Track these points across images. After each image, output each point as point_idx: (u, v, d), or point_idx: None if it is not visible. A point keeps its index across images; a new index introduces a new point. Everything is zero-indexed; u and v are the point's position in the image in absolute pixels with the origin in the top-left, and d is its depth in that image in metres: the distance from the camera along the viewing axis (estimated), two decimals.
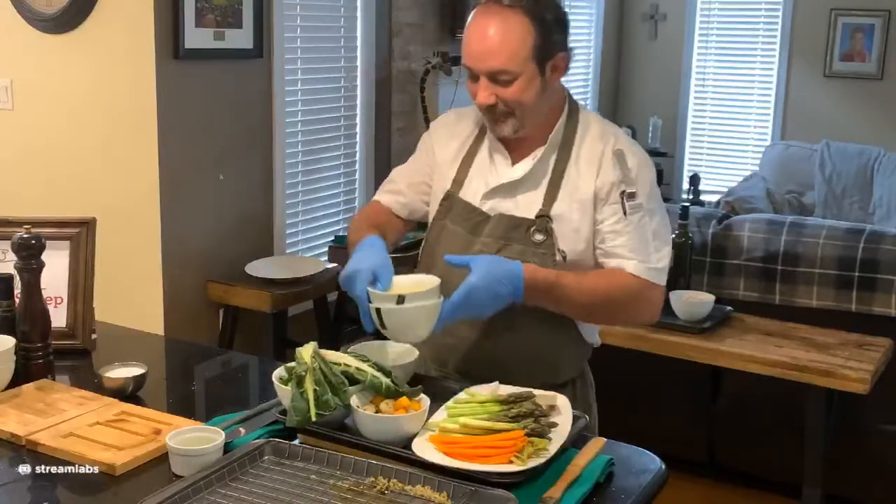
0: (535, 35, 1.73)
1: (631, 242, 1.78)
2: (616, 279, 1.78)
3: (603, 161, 1.80)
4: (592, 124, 1.86)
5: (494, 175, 1.85)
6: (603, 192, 1.79)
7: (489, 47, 1.72)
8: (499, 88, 1.74)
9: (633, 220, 1.79)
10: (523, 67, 1.73)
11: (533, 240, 1.78)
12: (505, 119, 1.78)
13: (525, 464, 1.39)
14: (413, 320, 1.60)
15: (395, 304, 1.59)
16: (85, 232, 2.04)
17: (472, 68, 1.76)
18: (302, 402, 1.47)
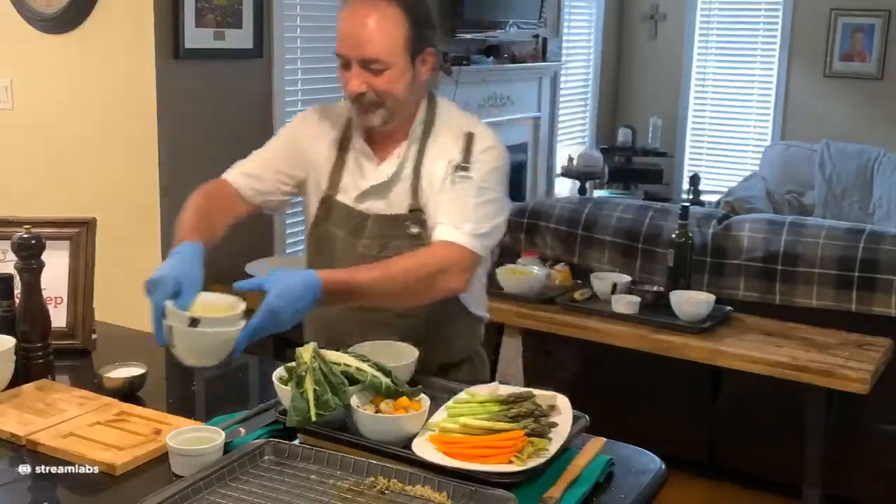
0: (408, 28, 1.78)
1: (449, 207, 1.78)
2: (427, 253, 1.76)
3: (455, 144, 1.84)
4: (451, 116, 1.90)
5: (363, 177, 1.88)
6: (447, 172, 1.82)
7: (365, 35, 1.75)
8: (370, 77, 1.77)
9: (458, 187, 1.79)
10: (396, 58, 1.77)
11: (410, 233, 1.83)
12: (374, 109, 1.80)
13: (525, 464, 1.39)
14: (205, 345, 1.51)
15: (188, 326, 1.50)
16: (85, 232, 2.04)
17: (345, 55, 1.78)
18: (302, 402, 1.47)
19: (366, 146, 1.89)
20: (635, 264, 3.33)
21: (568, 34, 6.50)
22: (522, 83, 5.81)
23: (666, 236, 3.21)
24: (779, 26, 6.54)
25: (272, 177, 1.95)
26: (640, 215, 3.38)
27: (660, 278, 3.19)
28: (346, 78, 1.80)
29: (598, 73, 6.94)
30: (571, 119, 6.81)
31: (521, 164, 6.04)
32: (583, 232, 3.43)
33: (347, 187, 1.90)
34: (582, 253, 3.43)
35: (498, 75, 5.47)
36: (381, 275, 1.70)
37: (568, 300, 3.06)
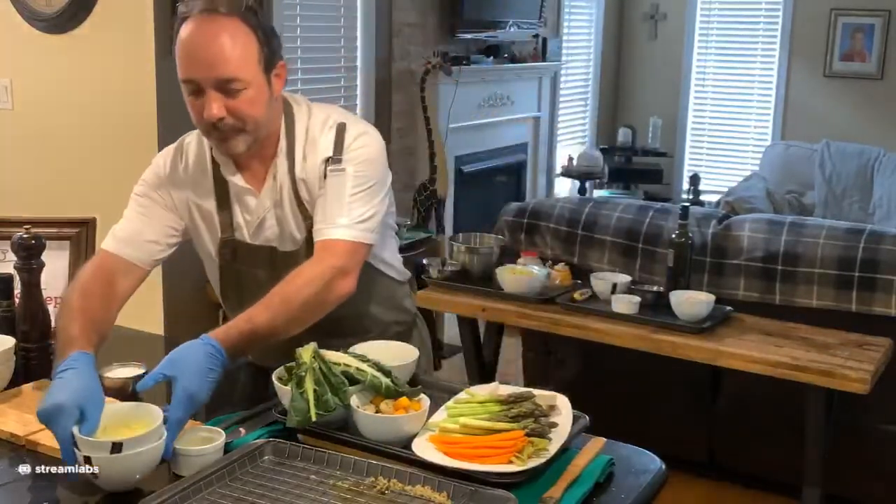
0: (258, 43, 1.68)
1: (325, 207, 1.72)
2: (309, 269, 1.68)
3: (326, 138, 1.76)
4: (309, 116, 1.79)
5: (249, 212, 1.80)
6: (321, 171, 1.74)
7: (218, 55, 1.62)
8: (228, 101, 1.65)
9: (331, 182, 1.72)
10: (254, 76, 1.66)
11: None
12: (234, 136, 1.69)
13: (525, 464, 1.39)
14: (133, 467, 1.36)
15: (110, 454, 1.34)
16: (85, 232, 2.04)
17: (197, 79, 1.64)
18: (302, 402, 1.47)
19: (243, 183, 1.78)
20: (635, 264, 3.33)
21: (568, 34, 6.50)
22: (522, 83, 5.81)
23: (666, 236, 3.21)
24: (779, 26, 6.54)
25: (155, 232, 1.83)
26: (640, 215, 3.38)
27: (660, 278, 3.19)
28: (199, 106, 1.66)
29: (598, 73, 6.94)
30: (571, 119, 6.81)
31: (521, 164, 6.04)
32: (583, 232, 3.43)
33: (241, 224, 1.82)
34: (582, 253, 3.43)
35: (498, 75, 5.47)
36: (278, 306, 1.63)
37: (568, 300, 3.06)
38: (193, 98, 1.67)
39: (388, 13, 4.43)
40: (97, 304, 1.71)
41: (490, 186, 5.50)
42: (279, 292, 1.65)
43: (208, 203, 1.83)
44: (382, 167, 1.80)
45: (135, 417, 1.44)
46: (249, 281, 1.83)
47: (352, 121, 1.80)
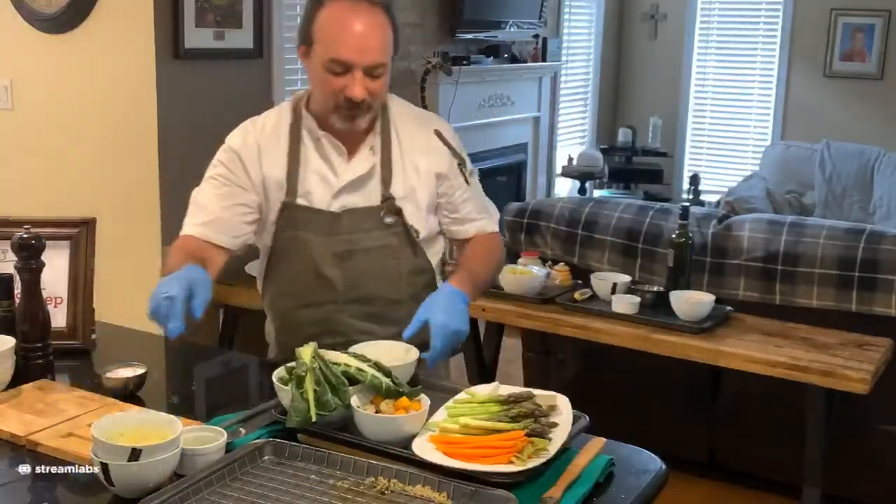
0: (392, 32, 1.84)
1: (477, 205, 2.01)
2: (489, 244, 2.01)
3: (431, 142, 1.94)
4: (401, 108, 1.98)
5: (334, 174, 1.90)
6: (444, 171, 1.93)
7: (371, 42, 1.78)
8: (369, 82, 1.80)
9: (472, 185, 2.00)
10: (390, 62, 1.84)
11: (385, 223, 1.89)
12: (363, 114, 1.84)
13: (525, 464, 1.39)
14: (149, 474, 1.36)
15: (127, 461, 1.34)
16: (85, 232, 2.04)
17: (352, 61, 1.77)
18: (302, 402, 1.47)
19: (336, 141, 1.89)
20: (635, 264, 3.32)
21: (568, 34, 6.50)
22: (522, 83, 5.81)
23: (666, 236, 3.21)
24: (779, 26, 6.54)
25: (230, 212, 1.90)
26: (640, 215, 3.38)
27: (660, 278, 3.19)
28: (340, 83, 1.79)
29: (598, 73, 6.94)
30: (571, 119, 6.81)
31: (521, 164, 6.04)
32: (583, 232, 3.43)
33: (311, 190, 1.89)
34: (582, 253, 3.43)
35: (498, 75, 5.47)
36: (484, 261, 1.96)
37: (568, 300, 3.06)
38: (335, 76, 1.79)
39: None
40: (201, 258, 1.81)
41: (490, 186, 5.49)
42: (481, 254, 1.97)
43: (278, 172, 1.89)
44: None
45: (152, 426, 1.45)
46: (306, 245, 1.89)
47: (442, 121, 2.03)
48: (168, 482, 1.35)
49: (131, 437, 1.41)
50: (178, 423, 1.43)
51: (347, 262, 1.88)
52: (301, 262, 1.89)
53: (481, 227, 2.01)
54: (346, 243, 1.88)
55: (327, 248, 1.88)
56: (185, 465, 1.41)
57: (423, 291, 1.92)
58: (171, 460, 1.37)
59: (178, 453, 1.39)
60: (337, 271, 1.88)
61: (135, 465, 1.34)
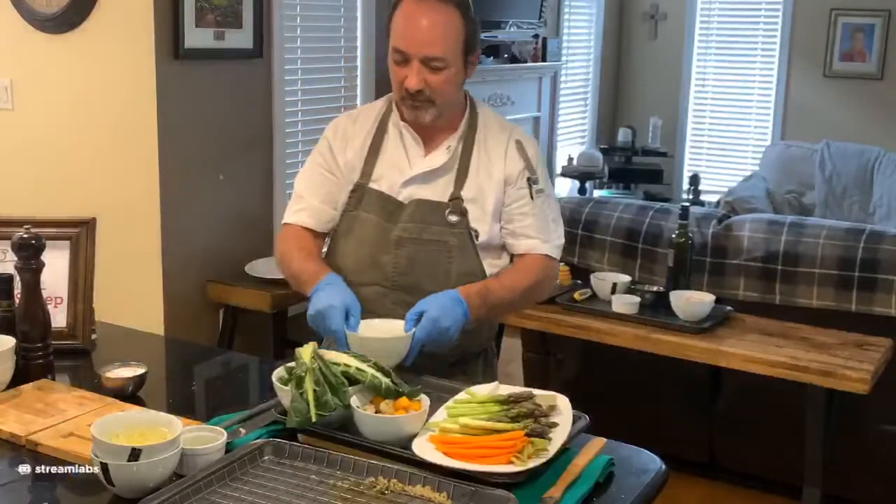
0: (464, 30, 1.87)
1: (537, 223, 1.97)
2: (528, 267, 1.96)
3: (508, 150, 1.96)
4: (491, 117, 2.02)
5: (409, 164, 1.95)
6: (512, 178, 1.95)
7: (430, 35, 1.83)
8: (428, 74, 1.84)
9: (538, 202, 1.96)
10: (454, 58, 1.86)
11: (448, 221, 1.91)
12: (426, 107, 1.88)
13: (525, 464, 1.39)
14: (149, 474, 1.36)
15: (128, 461, 1.34)
16: (85, 232, 2.04)
17: (408, 52, 1.84)
18: (302, 402, 1.47)
19: (416, 135, 1.95)
20: (635, 264, 3.32)
21: (568, 34, 6.50)
22: (522, 83, 5.81)
23: (666, 236, 3.21)
24: (779, 26, 6.54)
25: (324, 201, 2.00)
26: (640, 215, 3.38)
27: (660, 278, 3.19)
28: (402, 73, 1.86)
29: (598, 73, 6.94)
30: (571, 119, 6.81)
31: None
32: (583, 232, 3.43)
33: (384, 175, 1.95)
34: (582, 253, 3.43)
35: (498, 75, 5.47)
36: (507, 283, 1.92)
37: (568, 300, 3.06)
38: (398, 66, 1.87)
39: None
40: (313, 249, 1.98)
41: None
42: (509, 276, 1.95)
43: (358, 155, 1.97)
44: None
45: (152, 426, 1.45)
46: (366, 225, 1.94)
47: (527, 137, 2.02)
48: (168, 482, 1.35)
49: (131, 437, 1.41)
50: (178, 423, 1.43)
51: (401, 249, 1.91)
52: (359, 240, 1.94)
53: (532, 247, 1.97)
54: (404, 231, 1.91)
55: (386, 233, 1.92)
56: (185, 465, 1.41)
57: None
58: (171, 460, 1.37)
59: (178, 453, 1.39)
60: (389, 256, 1.92)
61: (135, 465, 1.34)
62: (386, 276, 1.92)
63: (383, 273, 1.93)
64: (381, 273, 1.93)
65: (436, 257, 1.91)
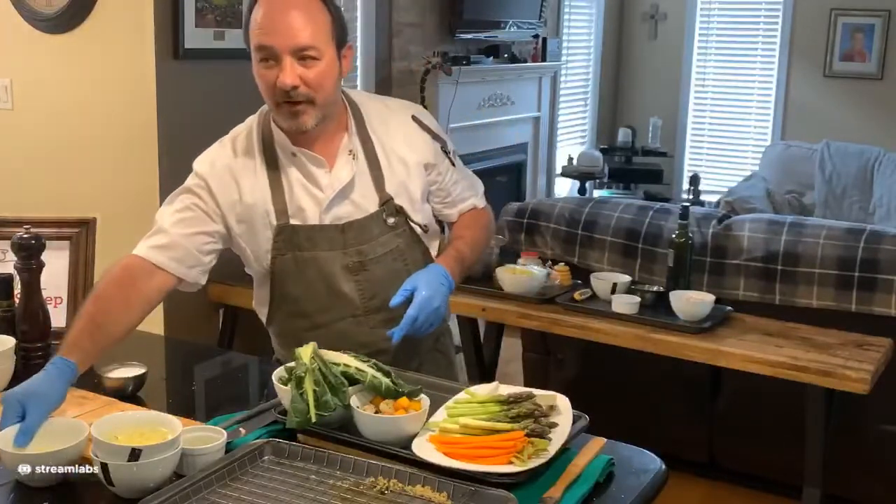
0: (331, 19, 1.74)
1: (465, 182, 2.02)
2: (479, 222, 2.03)
3: (409, 129, 1.90)
4: (367, 101, 1.91)
5: (319, 188, 1.80)
6: (432, 156, 1.91)
7: (297, 24, 1.68)
8: (302, 70, 1.70)
9: (458, 165, 2.00)
10: (326, 48, 1.72)
11: (389, 224, 1.84)
12: (307, 109, 1.73)
13: (525, 464, 1.39)
14: (149, 475, 1.35)
15: (128, 461, 1.34)
16: (85, 232, 2.04)
17: (275, 47, 1.68)
18: (301, 403, 1.47)
19: (312, 153, 1.80)
20: (635, 264, 3.32)
21: (568, 34, 6.50)
22: (522, 83, 5.81)
23: (666, 236, 3.21)
24: (779, 26, 6.54)
25: (190, 241, 1.80)
26: (640, 215, 3.38)
27: (660, 278, 3.19)
28: (272, 75, 1.70)
29: (598, 73, 6.94)
30: (571, 119, 6.81)
31: (521, 164, 6.04)
32: (583, 232, 3.43)
33: (300, 208, 1.80)
34: (582, 253, 3.42)
35: (498, 75, 5.47)
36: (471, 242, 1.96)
37: (568, 300, 3.06)
38: (266, 68, 1.71)
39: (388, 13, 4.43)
40: (109, 307, 1.71)
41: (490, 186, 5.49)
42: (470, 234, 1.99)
43: (258, 194, 1.80)
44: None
45: (152, 426, 1.45)
46: (312, 264, 1.81)
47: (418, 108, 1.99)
48: (168, 482, 1.35)
49: (131, 437, 1.41)
50: (177, 423, 1.43)
51: (360, 274, 1.82)
52: (311, 281, 1.82)
53: (473, 205, 2.04)
54: (357, 255, 1.82)
55: (337, 263, 1.81)
56: (185, 465, 1.41)
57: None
58: (171, 460, 1.37)
59: (178, 453, 1.39)
60: (351, 284, 1.82)
61: (135, 465, 1.34)
62: (356, 306, 1.84)
63: (352, 304, 1.83)
64: (349, 304, 1.83)
65: (393, 267, 1.84)
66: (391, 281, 1.81)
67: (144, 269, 1.77)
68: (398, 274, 1.83)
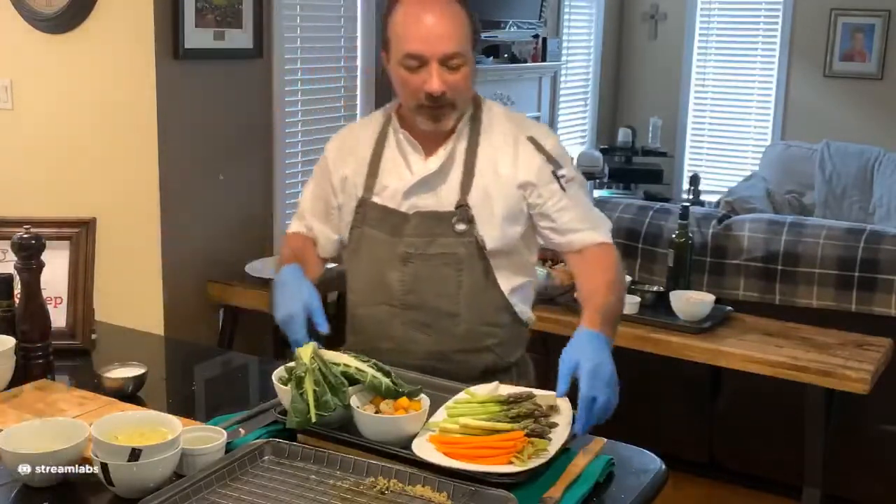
0: (470, 23, 1.77)
1: (580, 213, 1.86)
2: (604, 262, 1.87)
3: (519, 147, 1.83)
4: (499, 114, 1.89)
5: (409, 172, 1.84)
6: (534, 177, 1.82)
7: (442, 31, 1.72)
8: (448, 75, 1.73)
9: (571, 192, 1.85)
10: (468, 54, 1.76)
11: (456, 230, 1.80)
12: (448, 112, 1.77)
13: (525, 464, 1.39)
14: (150, 474, 1.36)
15: (128, 461, 1.35)
16: (85, 232, 2.04)
17: (425, 54, 1.72)
18: (302, 403, 1.47)
19: (413, 141, 1.84)
20: (635, 264, 3.32)
21: (568, 34, 6.50)
22: (522, 83, 5.81)
23: (666, 236, 3.21)
24: (779, 26, 6.54)
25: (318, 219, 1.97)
26: (640, 215, 3.38)
27: (660, 278, 3.19)
28: (418, 80, 1.74)
29: (598, 73, 6.94)
30: (571, 119, 6.80)
31: None
32: None
33: (386, 188, 1.85)
34: None
35: (498, 75, 5.47)
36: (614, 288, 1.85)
37: (568, 300, 3.06)
38: (410, 73, 1.75)
39: None
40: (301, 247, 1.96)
41: None
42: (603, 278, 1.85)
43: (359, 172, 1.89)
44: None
45: (152, 426, 1.45)
46: (373, 243, 1.86)
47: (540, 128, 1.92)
48: (168, 482, 1.35)
49: (131, 437, 1.41)
50: (178, 423, 1.43)
51: (407, 266, 1.82)
52: (366, 259, 1.86)
53: (586, 239, 1.86)
54: (409, 246, 1.81)
55: (391, 249, 1.83)
56: (185, 465, 1.41)
57: (494, 313, 1.88)
58: (171, 460, 1.37)
59: (178, 453, 1.39)
60: (396, 274, 1.82)
61: (135, 465, 1.34)
62: (393, 296, 1.84)
63: (390, 292, 1.84)
64: (388, 292, 1.84)
65: (442, 272, 1.81)
66: (434, 283, 1.81)
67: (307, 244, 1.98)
68: (445, 280, 1.81)
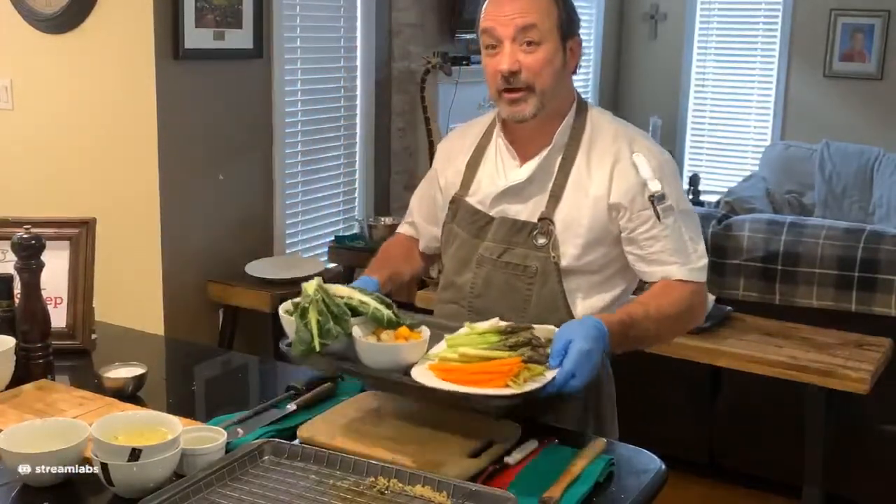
0: (560, 8, 1.72)
1: (671, 246, 1.73)
2: (673, 294, 1.72)
3: (618, 165, 1.73)
4: (604, 125, 1.79)
5: (503, 177, 1.81)
6: (626, 199, 1.72)
7: (518, 8, 1.68)
8: (522, 55, 1.69)
9: (668, 223, 1.72)
10: (549, 35, 1.70)
11: (535, 243, 1.75)
12: (526, 97, 1.71)
13: (521, 387, 1.40)
14: (150, 474, 1.35)
15: (128, 461, 1.34)
16: (85, 232, 2.04)
17: (496, 29, 1.69)
18: (306, 332, 1.47)
19: (508, 144, 1.82)
20: None
21: None
22: None
23: None
24: (779, 26, 6.54)
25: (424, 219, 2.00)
26: None
27: None
28: (494, 62, 1.71)
29: (598, 72, 6.94)
30: None
31: None
32: None
33: (479, 189, 1.84)
34: None
35: None
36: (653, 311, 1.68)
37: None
38: (489, 55, 1.73)
39: (388, 13, 4.43)
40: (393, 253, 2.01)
41: None
42: (655, 303, 1.70)
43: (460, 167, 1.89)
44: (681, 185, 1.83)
45: (152, 426, 1.45)
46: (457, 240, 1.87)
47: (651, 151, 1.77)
48: (168, 482, 1.35)
49: (131, 437, 1.41)
50: (178, 423, 1.43)
51: (480, 269, 1.80)
52: (451, 256, 1.88)
53: (668, 273, 1.73)
54: (486, 250, 1.79)
55: (471, 250, 1.82)
56: (185, 465, 1.41)
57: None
58: (171, 460, 1.37)
59: (178, 453, 1.39)
60: (469, 275, 1.81)
61: (135, 465, 1.34)
62: (463, 296, 1.83)
63: (461, 293, 1.83)
64: (459, 292, 1.84)
65: (513, 282, 1.76)
66: (503, 292, 1.77)
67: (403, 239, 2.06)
68: (514, 291, 1.77)
